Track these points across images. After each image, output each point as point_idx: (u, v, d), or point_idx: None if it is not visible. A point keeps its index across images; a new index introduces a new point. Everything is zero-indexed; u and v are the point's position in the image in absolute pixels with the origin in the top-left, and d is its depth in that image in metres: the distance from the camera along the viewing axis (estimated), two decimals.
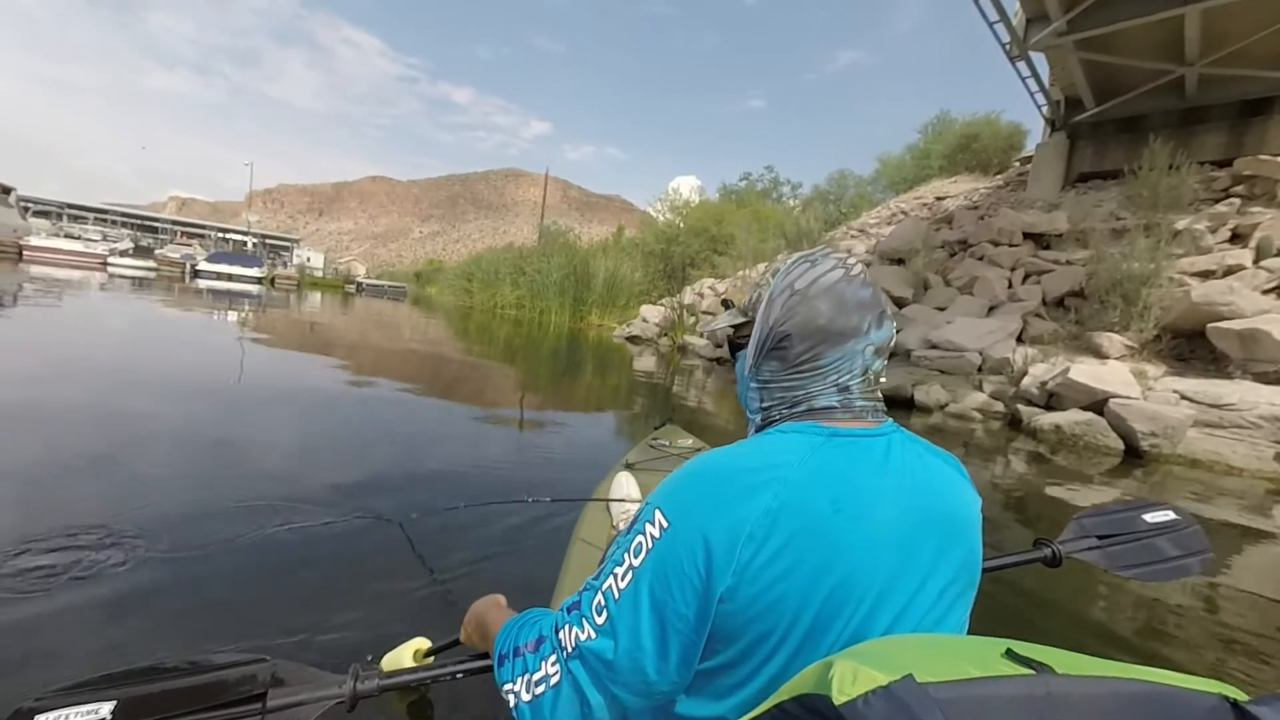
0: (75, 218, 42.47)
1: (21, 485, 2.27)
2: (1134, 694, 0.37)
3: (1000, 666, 0.39)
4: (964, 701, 0.36)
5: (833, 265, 0.66)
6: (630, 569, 0.58)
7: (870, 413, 0.66)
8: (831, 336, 0.64)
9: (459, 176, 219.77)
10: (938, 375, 8.10)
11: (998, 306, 9.49)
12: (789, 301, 0.66)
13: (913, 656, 0.42)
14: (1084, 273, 8.95)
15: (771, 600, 0.53)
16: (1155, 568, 1.07)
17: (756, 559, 0.53)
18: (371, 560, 1.97)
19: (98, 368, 4.67)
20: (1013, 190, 16.28)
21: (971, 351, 8.12)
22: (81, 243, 22.65)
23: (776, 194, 32.36)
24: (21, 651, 1.36)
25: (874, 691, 0.35)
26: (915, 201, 18.88)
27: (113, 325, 7.80)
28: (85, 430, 3.02)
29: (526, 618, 0.70)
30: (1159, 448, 5.16)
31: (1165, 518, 1.14)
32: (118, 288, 13.74)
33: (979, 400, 7.18)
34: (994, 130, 19.75)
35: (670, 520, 0.57)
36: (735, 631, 0.55)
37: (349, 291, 31.64)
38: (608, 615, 0.58)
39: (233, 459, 2.90)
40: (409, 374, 6.61)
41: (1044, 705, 0.36)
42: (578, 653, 0.59)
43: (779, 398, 0.68)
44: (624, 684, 0.57)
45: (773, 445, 0.61)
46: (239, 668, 0.72)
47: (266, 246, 52.37)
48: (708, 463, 0.61)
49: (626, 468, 2.01)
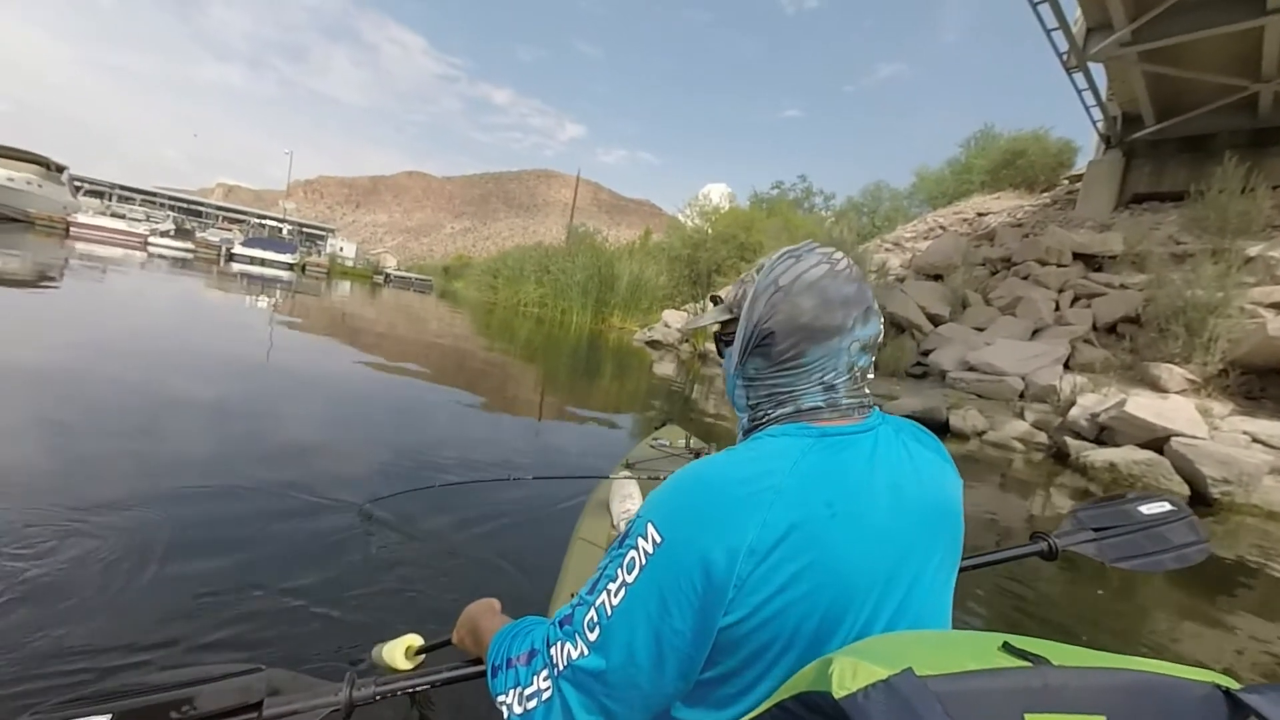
0: (124, 198, 44.32)
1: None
2: (1129, 684, 0.38)
3: (997, 659, 0.40)
4: (962, 694, 0.36)
5: (818, 260, 0.64)
6: (624, 585, 0.56)
7: (857, 409, 0.64)
8: (815, 334, 0.62)
9: (492, 175, 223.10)
10: (974, 400, 7.60)
11: (1043, 329, 8.92)
12: (773, 298, 0.64)
13: (911, 651, 0.42)
14: (1141, 298, 8.32)
15: (774, 611, 0.52)
16: (1151, 559, 1.06)
17: (756, 572, 0.52)
18: (339, 553, 1.93)
19: (116, 347, 4.59)
20: (1060, 209, 15.53)
21: (1013, 376, 7.59)
22: (125, 222, 23.42)
23: (809, 204, 31.78)
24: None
25: (874, 685, 0.36)
26: (955, 216, 18.19)
27: (141, 304, 7.86)
28: (102, 407, 2.98)
29: (519, 628, 0.69)
30: (1231, 495, 4.63)
31: (1161, 509, 1.12)
32: (156, 267, 14.08)
33: (1020, 429, 6.67)
34: (1041, 146, 18.93)
35: (664, 536, 0.55)
36: (737, 643, 0.54)
37: (377, 282, 32.10)
38: (600, 631, 0.56)
39: (226, 447, 2.81)
40: (425, 370, 6.43)
41: (1041, 696, 0.37)
42: (570, 670, 0.57)
43: (765, 396, 0.67)
44: (619, 699, 0.56)
45: (763, 451, 0.59)
46: (234, 679, 0.71)
47: (303, 234, 53.89)
48: (700, 473, 0.59)
49: (627, 467, 2.00)
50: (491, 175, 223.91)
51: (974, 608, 2.12)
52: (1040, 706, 0.36)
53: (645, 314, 20.71)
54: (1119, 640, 1.95)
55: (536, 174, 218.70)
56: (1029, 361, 7.76)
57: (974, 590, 2.21)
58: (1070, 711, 0.37)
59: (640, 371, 9.88)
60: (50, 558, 1.63)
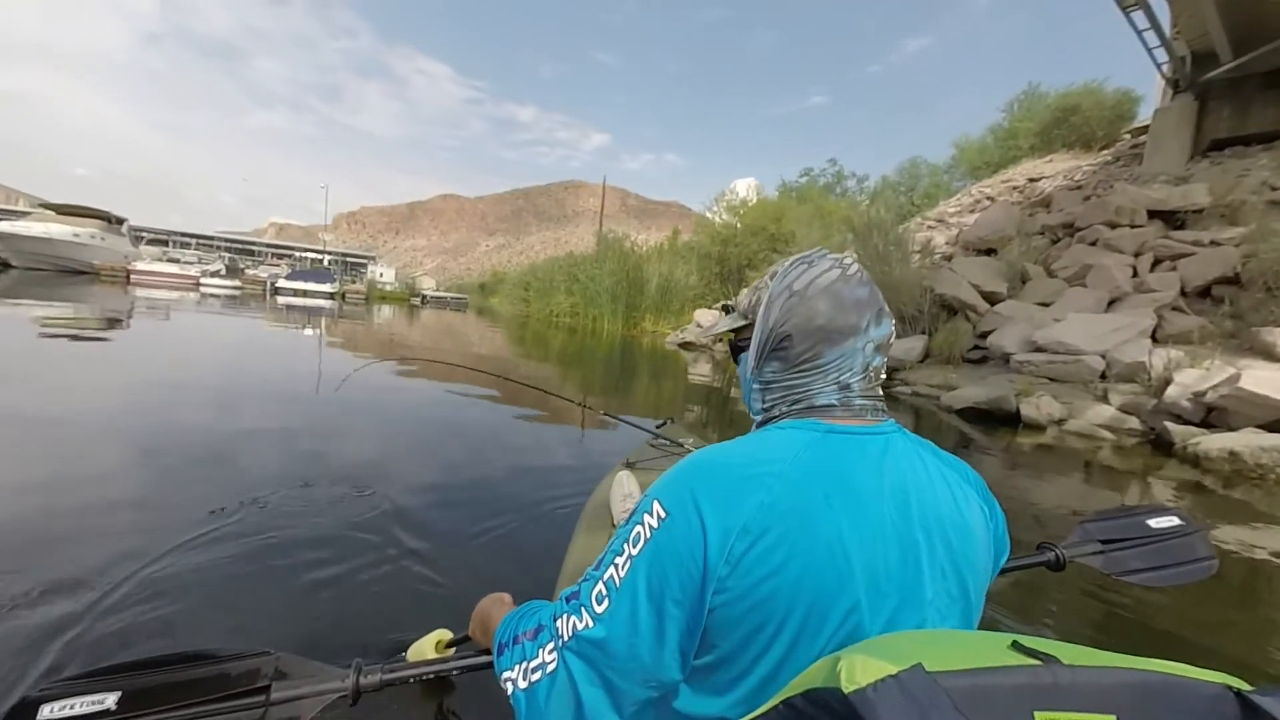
0: (181, 244, 47.33)
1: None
2: (1140, 683, 0.38)
3: (1007, 657, 0.40)
4: (972, 690, 0.36)
5: (830, 265, 0.67)
6: (629, 558, 0.58)
7: (870, 411, 0.65)
8: (831, 335, 0.64)
9: (521, 191, 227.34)
10: (1046, 384, 6.77)
11: (1120, 299, 7.93)
12: (788, 303, 0.66)
13: (921, 648, 0.42)
14: (1238, 254, 7.27)
15: (766, 593, 0.54)
16: (1159, 573, 1.03)
17: (751, 552, 0.53)
18: (358, 550, 2.02)
19: (173, 379, 4.73)
20: (1124, 166, 14.13)
21: (1091, 354, 6.71)
22: (179, 266, 24.75)
23: (841, 188, 30.54)
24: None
25: (883, 680, 0.36)
26: (1003, 185, 16.89)
27: (200, 339, 8.25)
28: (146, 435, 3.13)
29: (526, 609, 0.71)
30: None
31: (1170, 523, 1.10)
32: (208, 305, 14.73)
33: (1106, 415, 5.84)
34: (1096, 100, 17.37)
35: (668, 511, 0.58)
36: (731, 624, 0.55)
37: (414, 304, 32.86)
38: (608, 603, 0.58)
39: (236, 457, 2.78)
40: (459, 386, 6.19)
41: (1051, 694, 0.36)
42: (574, 641, 0.59)
43: (780, 397, 0.68)
44: (620, 670, 0.57)
45: (769, 441, 0.61)
46: (243, 660, 0.71)
47: (346, 263, 56.23)
48: (705, 457, 0.61)
49: (627, 466, 1.99)
50: (521, 191, 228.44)
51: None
52: (1050, 704, 0.36)
53: (677, 316, 20.22)
54: (1129, 646, 1.75)
55: (564, 185, 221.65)
56: (1108, 337, 6.86)
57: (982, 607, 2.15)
58: (1080, 710, 0.36)
59: (676, 376, 9.43)
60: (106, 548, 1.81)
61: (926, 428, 6.11)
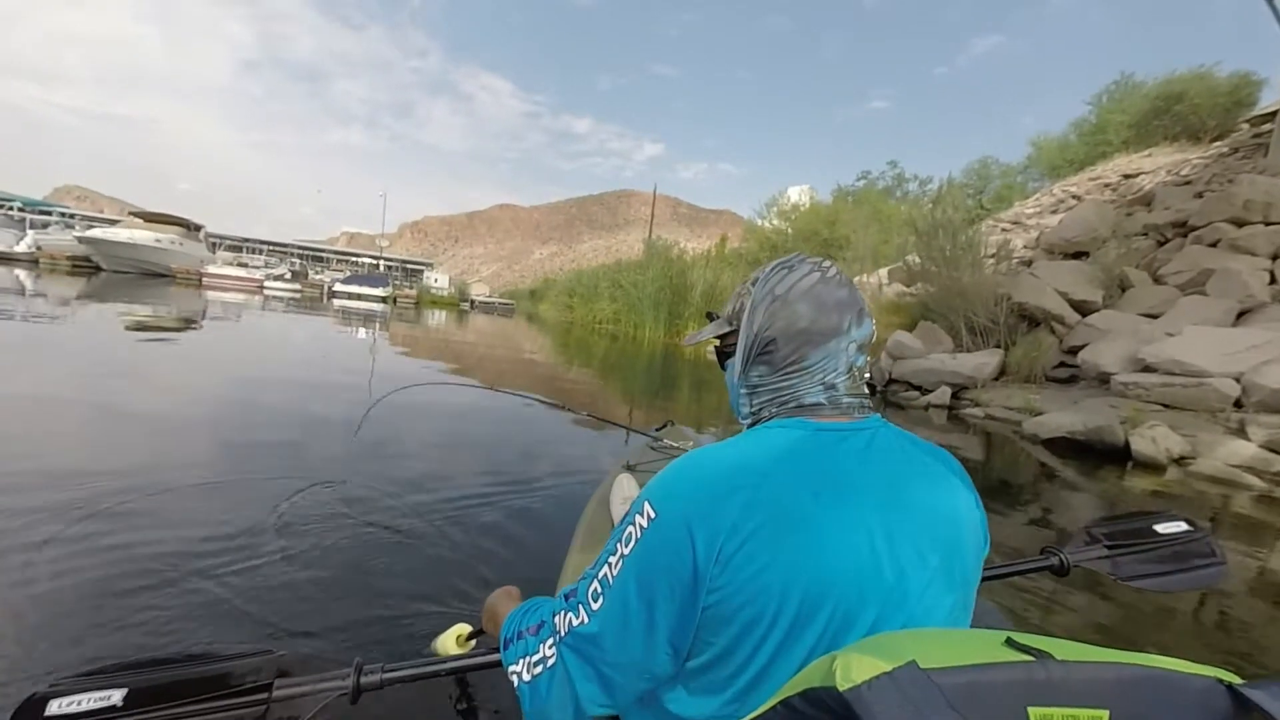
0: (254, 250, 50.51)
1: None
2: (1131, 677, 0.38)
3: (1001, 654, 0.40)
4: (965, 686, 0.36)
5: (809, 269, 0.69)
6: (621, 557, 0.60)
7: (856, 409, 0.67)
8: (814, 337, 0.65)
9: (575, 200, 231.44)
10: (1159, 411, 5.60)
11: (1253, 310, 6.58)
12: (770, 307, 0.68)
13: (915, 646, 0.42)
14: None
15: (756, 589, 0.54)
16: (1166, 579, 1.01)
17: (742, 550, 0.54)
18: (371, 548, 2.07)
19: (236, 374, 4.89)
20: (1244, 158, 12.27)
21: (1219, 376, 5.50)
22: (246, 270, 26.18)
23: (901, 191, 28.79)
24: None
25: (878, 678, 0.36)
26: (1091, 183, 15.14)
27: (267, 338, 8.84)
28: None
29: (530, 605, 0.73)
30: None
31: (1177, 528, 1.08)
32: (270, 307, 15.35)
33: (1245, 453, 4.68)
34: (1206, 86, 15.33)
35: (658, 511, 0.59)
36: (725, 620, 0.56)
37: (464, 309, 33.52)
38: (601, 601, 0.60)
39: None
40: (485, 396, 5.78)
41: (1044, 689, 0.37)
42: (571, 636, 0.61)
43: (768, 400, 0.69)
44: (614, 664, 0.59)
45: (759, 440, 0.62)
46: (246, 659, 0.73)
47: (405, 270, 58.49)
48: (695, 458, 0.62)
49: (627, 468, 1.98)
50: (574, 200, 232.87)
51: (978, 615, 1.68)
52: (1043, 700, 0.37)
53: None
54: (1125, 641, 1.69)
55: (616, 194, 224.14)
56: (1242, 356, 5.61)
57: (980, 599, 1.75)
58: (1073, 705, 0.37)
59: (717, 385, 8.70)
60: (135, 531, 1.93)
61: (1002, 459, 5.12)
